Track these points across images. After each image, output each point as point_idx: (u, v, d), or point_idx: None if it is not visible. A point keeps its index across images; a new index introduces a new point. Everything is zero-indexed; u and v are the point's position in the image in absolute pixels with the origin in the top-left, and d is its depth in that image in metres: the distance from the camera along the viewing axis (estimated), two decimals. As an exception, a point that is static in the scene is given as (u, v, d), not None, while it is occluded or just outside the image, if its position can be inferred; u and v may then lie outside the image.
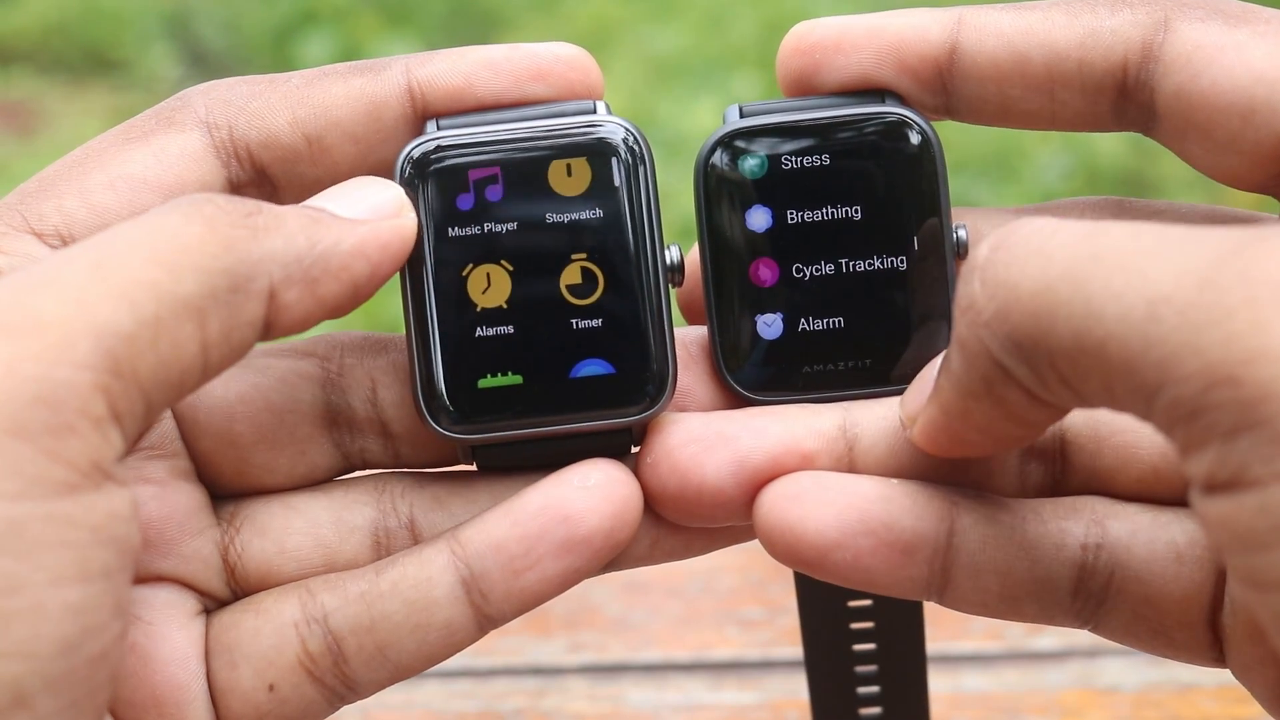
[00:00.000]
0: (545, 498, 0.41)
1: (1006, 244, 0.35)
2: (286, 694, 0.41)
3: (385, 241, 0.40)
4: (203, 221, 0.37)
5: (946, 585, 0.41)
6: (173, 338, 0.35)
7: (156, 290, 0.35)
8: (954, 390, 0.37)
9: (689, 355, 0.44)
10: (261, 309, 0.38)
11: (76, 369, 0.34)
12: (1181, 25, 0.41)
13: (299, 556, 0.43)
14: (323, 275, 0.38)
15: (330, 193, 0.41)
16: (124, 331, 0.34)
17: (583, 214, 0.42)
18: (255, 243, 0.37)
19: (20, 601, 0.32)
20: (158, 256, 0.36)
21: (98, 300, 0.34)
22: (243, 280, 0.37)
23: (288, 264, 0.38)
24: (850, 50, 0.43)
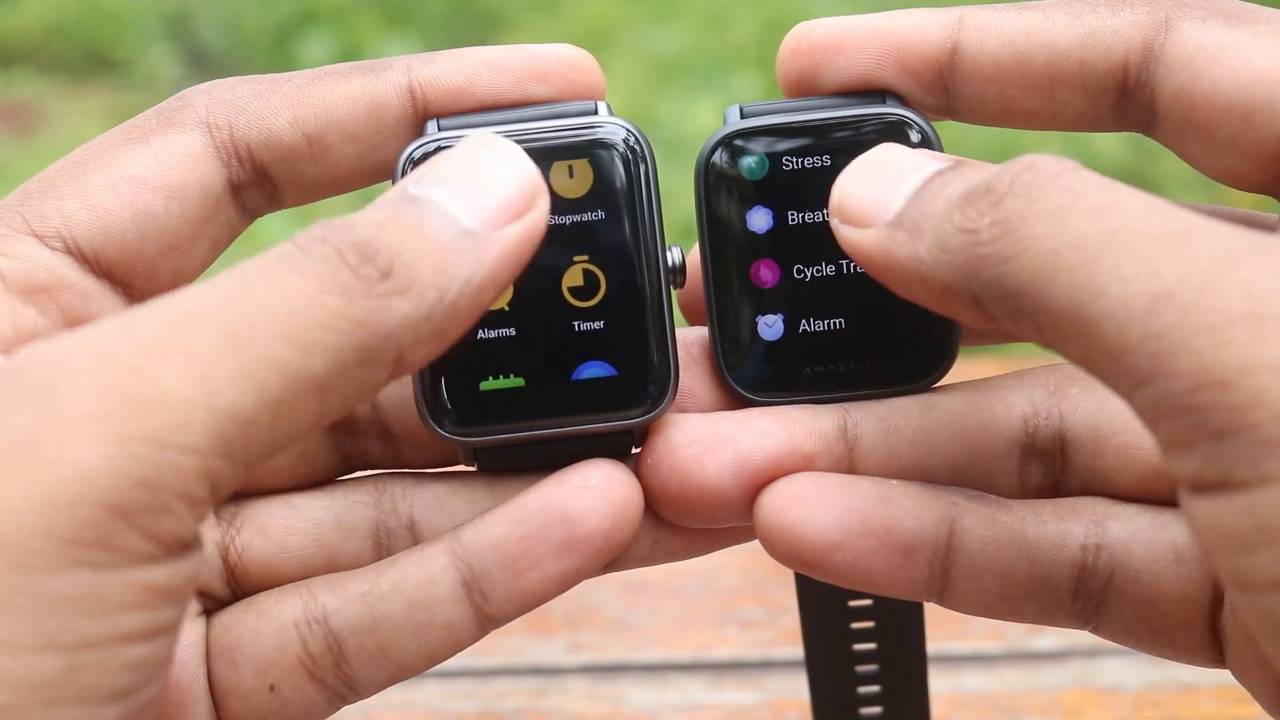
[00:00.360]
0: (546, 498, 0.41)
1: (1028, 192, 0.35)
2: (288, 694, 0.41)
3: (517, 255, 0.38)
4: (338, 293, 0.35)
5: (946, 586, 0.41)
6: (292, 415, 0.34)
7: (285, 371, 0.34)
8: (910, 264, 0.37)
9: (690, 356, 0.44)
10: (387, 372, 0.36)
11: (188, 454, 0.33)
12: (1182, 25, 0.41)
13: (300, 557, 0.43)
14: (453, 323, 0.37)
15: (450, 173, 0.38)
16: (245, 415, 0.33)
17: (584, 215, 0.42)
18: (388, 311, 0.35)
19: (89, 657, 0.32)
20: (291, 332, 0.34)
21: (224, 380, 0.33)
22: (374, 354, 0.35)
23: (418, 325, 0.36)
24: (851, 51, 0.43)
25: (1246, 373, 0.31)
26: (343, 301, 0.35)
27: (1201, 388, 0.32)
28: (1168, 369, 0.32)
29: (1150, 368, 0.32)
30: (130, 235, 0.41)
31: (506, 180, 0.38)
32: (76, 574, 0.32)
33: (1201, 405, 0.32)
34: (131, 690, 0.33)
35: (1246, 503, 0.32)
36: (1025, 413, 0.42)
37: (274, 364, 0.34)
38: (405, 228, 0.37)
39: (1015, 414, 0.42)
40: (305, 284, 0.35)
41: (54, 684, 0.32)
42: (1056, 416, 0.42)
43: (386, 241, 0.36)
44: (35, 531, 0.31)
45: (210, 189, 0.42)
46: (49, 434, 0.32)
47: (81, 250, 0.41)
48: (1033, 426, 0.42)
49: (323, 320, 0.35)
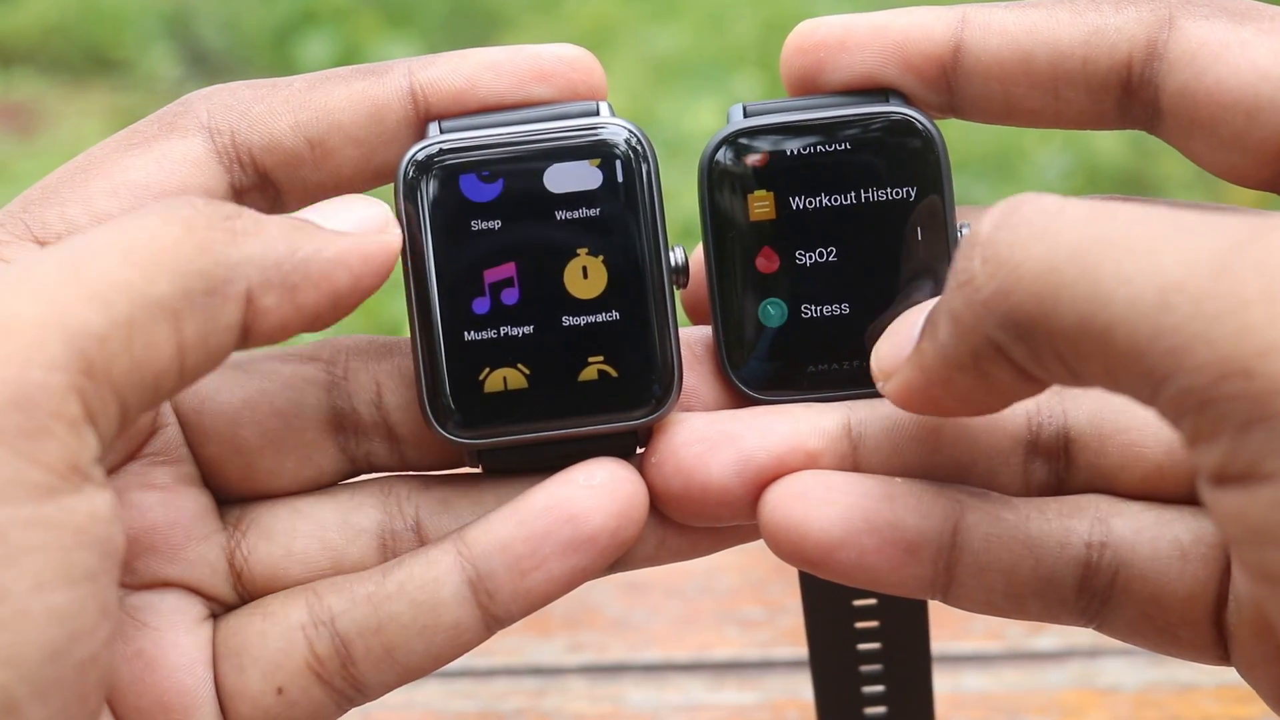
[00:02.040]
0: (551, 497, 0.41)
1: (1009, 222, 0.35)
2: (295, 697, 0.41)
3: (368, 254, 0.39)
4: (180, 223, 0.36)
5: (951, 584, 0.41)
6: (147, 339, 0.35)
7: (130, 291, 0.35)
8: (938, 359, 0.37)
9: (693, 355, 0.44)
10: (239, 313, 0.37)
11: (49, 370, 0.33)
12: (1186, 23, 0.41)
13: (306, 560, 0.43)
14: (302, 282, 0.38)
15: (316, 207, 0.41)
16: (97, 332, 0.34)
17: (586, 217, 0.42)
18: (233, 246, 0.37)
19: (3, 609, 0.32)
20: (132, 257, 0.35)
21: (70, 300, 0.34)
22: (219, 283, 0.36)
23: (266, 268, 0.37)
24: (854, 49, 0.43)
25: (1270, 357, 0.30)
26: (184, 231, 0.36)
27: (1223, 378, 0.31)
28: (1186, 363, 0.31)
29: (1168, 365, 0.32)
30: None
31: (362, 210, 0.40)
32: None
33: (1225, 397, 0.31)
34: (63, 648, 0.33)
35: (1274, 495, 0.31)
36: (1029, 410, 0.42)
37: (117, 285, 0.35)
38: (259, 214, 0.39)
39: (1019, 412, 0.42)
40: (148, 220, 0.36)
41: None
42: (1060, 414, 0.42)
43: (241, 208, 0.38)
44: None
45: (212, 194, 0.42)
46: None
47: None
48: (1036, 424, 0.42)
49: (164, 246, 0.36)
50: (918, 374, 0.38)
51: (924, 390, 0.38)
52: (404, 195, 0.42)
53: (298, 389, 0.43)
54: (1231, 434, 0.31)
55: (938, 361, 0.37)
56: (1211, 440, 0.32)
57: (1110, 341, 0.32)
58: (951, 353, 0.36)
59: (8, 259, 0.40)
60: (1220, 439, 0.31)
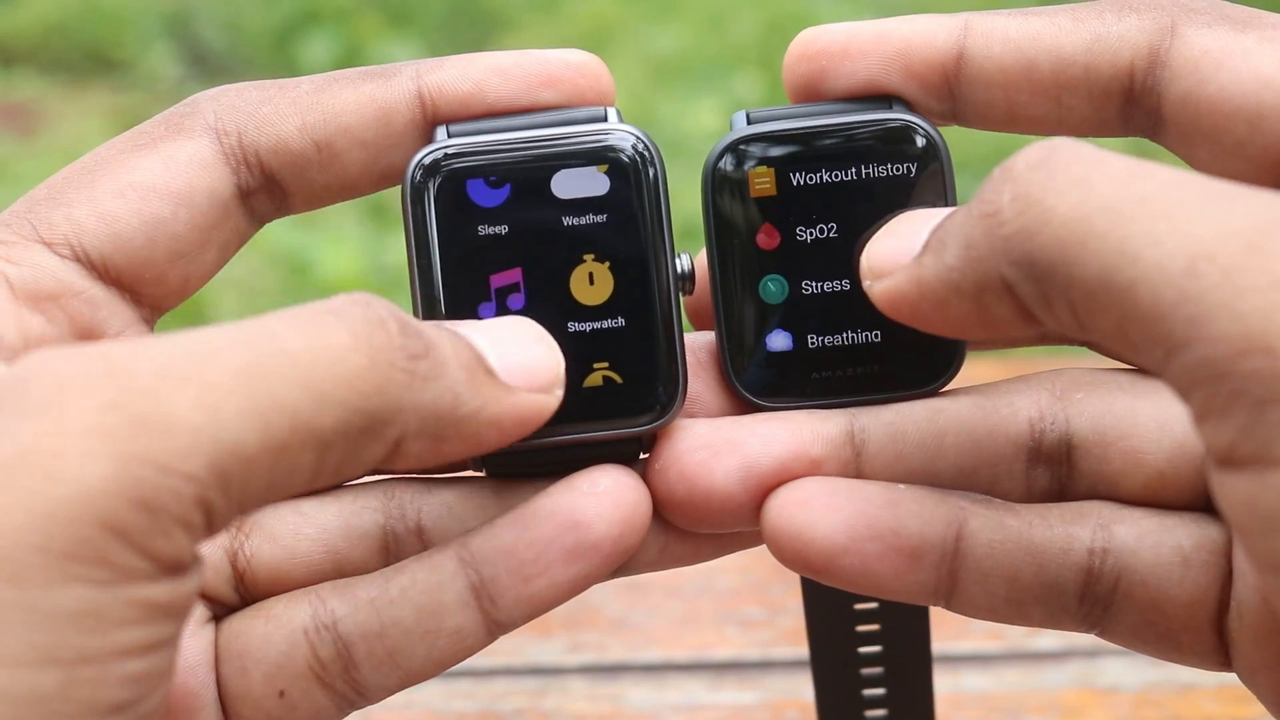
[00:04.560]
0: (554, 504, 0.41)
1: (1048, 164, 0.34)
2: (297, 700, 0.41)
3: (525, 419, 0.38)
4: (368, 353, 0.35)
5: (954, 590, 0.41)
6: (291, 464, 0.34)
7: (295, 419, 0.34)
8: (940, 279, 0.37)
9: (697, 361, 0.44)
10: (383, 453, 0.36)
11: (186, 481, 0.32)
12: (1188, 31, 0.41)
13: (308, 562, 0.43)
14: (453, 437, 0.37)
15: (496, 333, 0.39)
16: (247, 455, 0.33)
17: (593, 222, 0.42)
18: (409, 392, 0.36)
19: (87, 672, 0.32)
20: (311, 382, 0.34)
21: (232, 416, 0.33)
22: (379, 426, 0.35)
23: (426, 419, 0.36)
24: (857, 56, 0.43)
25: None
26: (369, 363, 0.35)
27: (1244, 353, 0.30)
28: (1207, 333, 0.31)
29: (1187, 333, 0.31)
30: (138, 242, 0.41)
31: (538, 355, 0.39)
32: (74, 590, 0.32)
33: (1243, 372, 0.30)
34: (130, 703, 0.33)
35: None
36: (1031, 417, 0.42)
37: (286, 409, 0.34)
38: (443, 335, 0.37)
39: (1021, 418, 0.42)
40: (339, 336, 0.35)
41: (51, 698, 0.31)
42: (1063, 421, 0.42)
43: (430, 333, 0.37)
44: (33, 546, 0.31)
45: (219, 195, 0.42)
46: (51, 446, 0.32)
47: (90, 257, 0.41)
48: (1039, 431, 0.42)
49: (344, 375, 0.34)
50: (912, 286, 0.38)
51: (915, 303, 0.38)
52: (410, 199, 0.42)
53: None
54: (1246, 412, 0.31)
55: (938, 281, 0.37)
56: (1224, 417, 0.31)
57: (1131, 300, 0.32)
58: (956, 278, 0.36)
59: (14, 260, 0.40)
60: (1233, 416, 0.31)
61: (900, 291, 0.38)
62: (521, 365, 0.39)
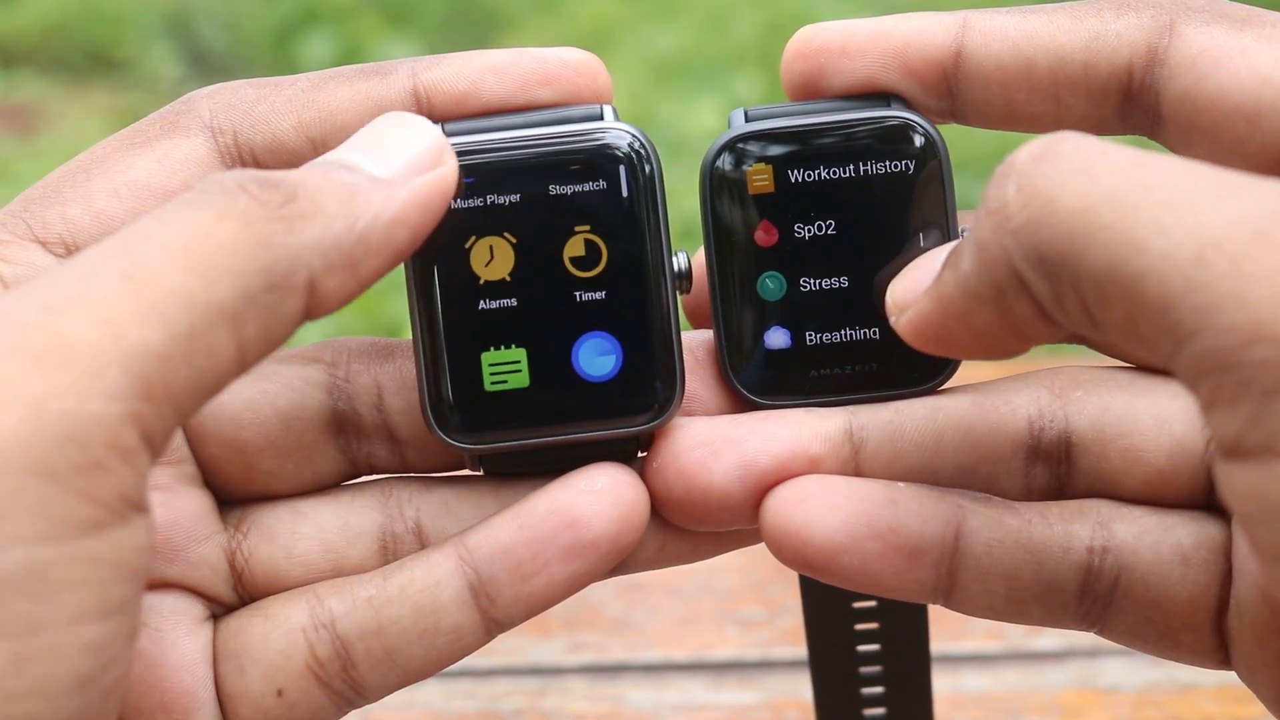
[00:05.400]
0: (552, 502, 0.41)
1: (1051, 154, 0.34)
2: (295, 699, 0.41)
3: (426, 201, 0.38)
4: (236, 217, 0.35)
5: (953, 589, 0.41)
6: (207, 346, 0.34)
7: (190, 301, 0.33)
8: (959, 288, 0.36)
9: (695, 359, 0.44)
10: (301, 301, 0.36)
11: (107, 400, 0.32)
12: (1186, 29, 0.41)
13: (306, 562, 0.43)
14: (364, 255, 0.37)
15: (361, 141, 0.39)
16: (156, 350, 0.33)
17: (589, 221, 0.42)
18: (292, 235, 0.35)
19: (39, 643, 0.31)
20: (191, 262, 0.34)
21: (129, 319, 0.33)
22: (281, 277, 0.35)
23: (327, 251, 0.36)
24: (855, 54, 0.43)
25: None
26: (242, 226, 0.35)
27: (1253, 342, 0.30)
28: (1215, 322, 0.30)
29: (1195, 322, 0.31)
30: None
31: (414, 141, 0.39)
32: (12, 551, 0.31)
33: (1252, 361, 0.30)
34: (91, 677, 0.32)
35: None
36: (1030, 415, 0.42)
37: (177, 296, 0.33)
38: (309, 171, 0.37)
39: (1020, 416, 0.42)
40: (202, 215, 0.35)
41: (3, 675, 0.31)
42: (1061, 419, 0.42)
43: (290, 177, 0.37)
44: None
45: None
46: None
47: None
48: (1038, 429, 0.42)
49: (223, 245, 0.34)
50: (935, 305, 0.37)
51: (939, 323, 0.37)
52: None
53: (299, 391, 0.43)
54: (1254, 401, 0.30)
55: (958, 291, 0.36)
56: (1231, 406, 0.31)
57: (1139, 290, 0.32)
58: (974, 282, 0.36)
59: (9, 259, 0.40)
60: (1241, 406, 0.31)
61: (924, 315, 0.38)
62: (399, 155, 0.39)
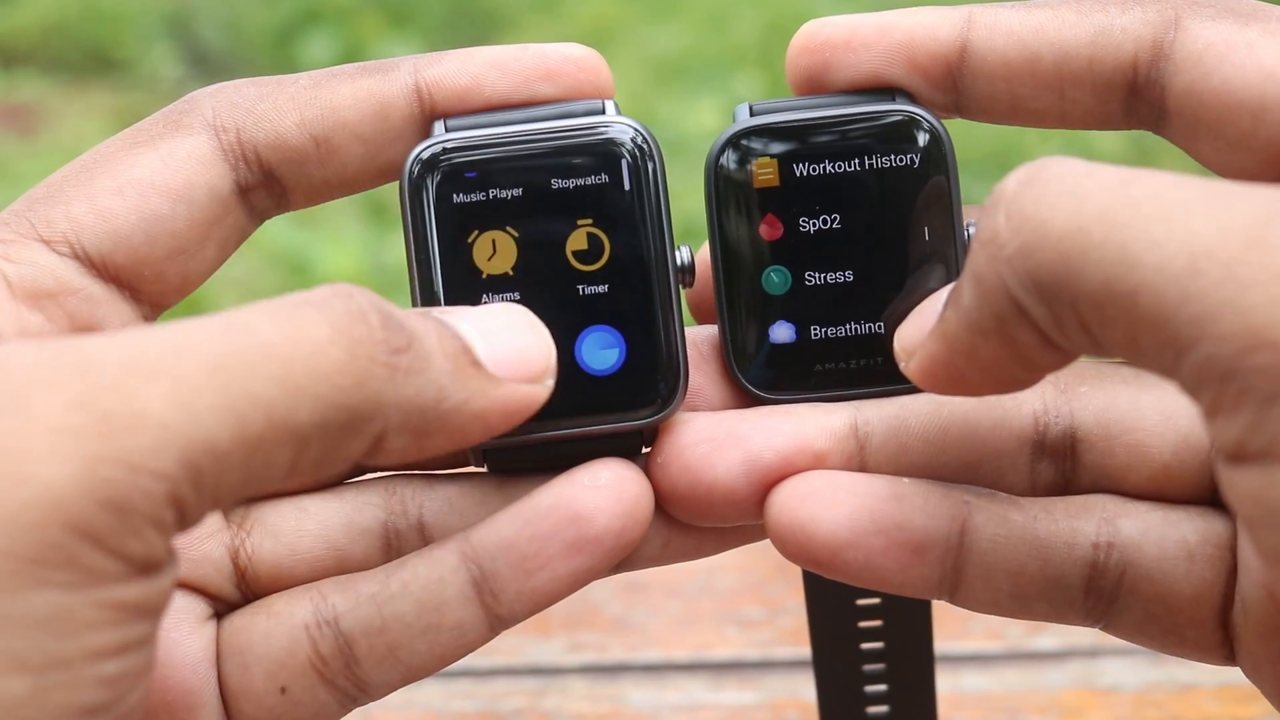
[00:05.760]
0: (556, 497, 0.41)
1: (1038, 179, 0.34)
2: (299, 696, 0.41)
3: (512, 411, 0.38)
4: (346, 345, 0.34)
5: (958, 584, 0.41)
6: (266, 459, 0.33)
7: (270, 413, 0.33)
8: (962, 325, 0.36)
9: (699, 354, 0.44)
10: (365, 447, 0.35)
11: (157, 479, 0.32)
12: (1192, 23, 0.41)
13: (310, 559, 0.42)
14: (437, 432, 0.36)
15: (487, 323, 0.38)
16: (220, 450, 0.32)
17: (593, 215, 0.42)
18: (391, 386, 0.35)
19: (59, 677, 0.31)
20: (286, 375, 0.33)
21: (205, 410, 0.32)
22: (361, 422, 0.34)
23: (409, 414, 0.35)
24: (860, 49, 0.43)
25: None
26: (349, 358, 0.34)
27: (1251, 349, 0.30)
28: (1212, 331, 0.30)
29: (1193, 332, 0.31)
30: (137, 240, 0.41)
31: (529, 344, 0.39)
32: (42, 594, 0.31)
33: (1250, 368, 0.30)
34: (106, 705, 0.33)
35: None
36: (1035, 410, 0.42)
37: (260, 402, 0.33)
38: (429, 326, 0.37)
39: (1025, 411, 0.42)
40: (317, 329, 0.34)
41: (23, 704, 0.31)
42: (1067, 414, 0.42)
43: (413, 325, 0.36)
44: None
45: (218, 192, 0.42)
46: (16, 447, 0.31)
47: (89, 255, 0.41)
48: (1043, 424, 0.42)
49: (322, 370, 0.34)
50: (941, 345, 0.37)
51: (947, 363, 0.37)
52: (409, 194, 0.42)
53: None
54: (1254, 408, 0.30)
55: (961, 328, 0.36)
56: (1232, 413, 0.31)
57: (1135, 306, 0.32)
58: (975, 316, 0.36)
59: (13, 258, 0.40)
60: (1241, 412, 0.31)
61: (932, 356, 0.38)
62: (510, 355, 0.38)
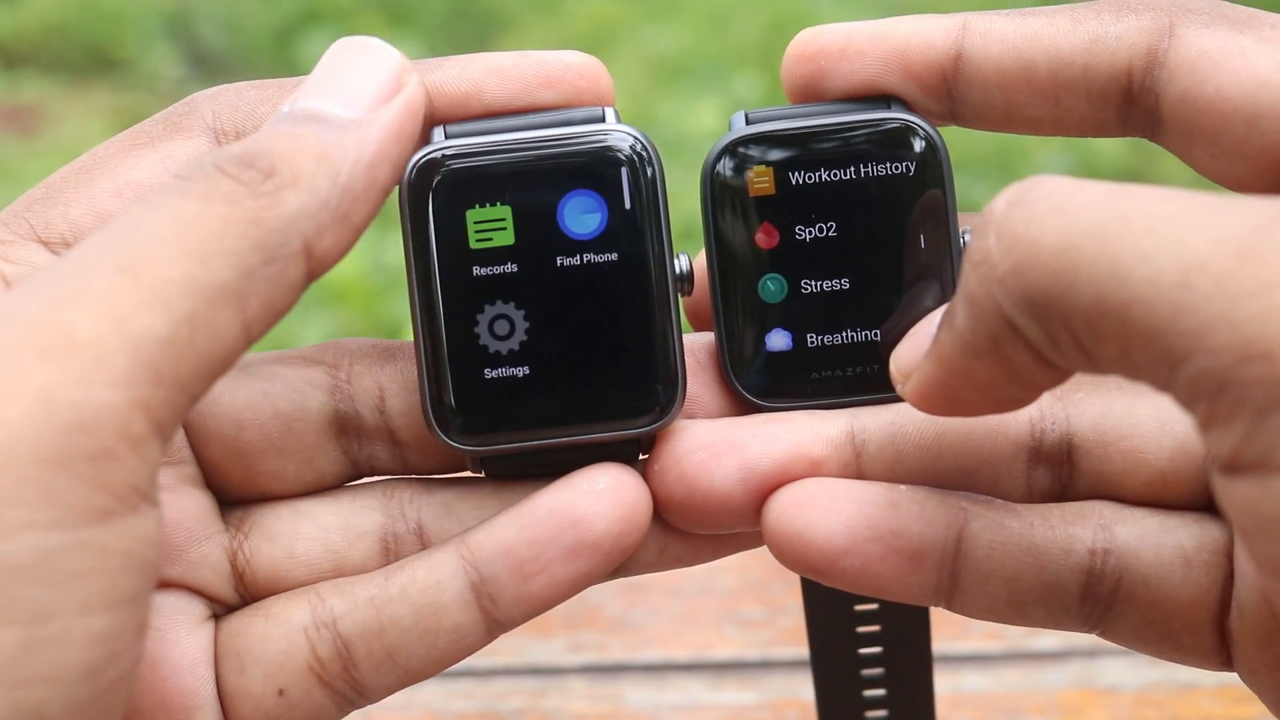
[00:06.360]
0: (554, 502, 0.41)
1: (1026, 199, 0.34)
2: (296, 699, 0.41)
3: (400, 131, 0.38)
4: (223, 200, 0.35)
5: (955, 591, 0.41)
6: (211, 328, 0.34)
7: (190, 285, 0.34)
8: (957, 346, 0.36)
9: (696, 362, 0.44)
10: (301, 267, 0.36)
11: (114, 388, 0.32)
12: (1186, 31, 0.41)
13: (308, 562, 0.43)
14: (352, 205, 0.37)
15: (322, 80, 0.39)
16: (161, 337, 0.33)
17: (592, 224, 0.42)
18: (281, 208, 0.36)
19: (47, 630, 0.31)
20: (185, 248, 0.34)
21: (131, 308, 0.33)
22: (276, 250, 0.35)
23: (316, 213, 0.36)
24: (855, 57, 0.43)
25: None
26: (229, 207, 0.35)
27: (1244, 361, 0.30)
28: (1205, 344, 0.30)
29: (1186, 345, 0.31)
30: None
31: (372, 69, 0.39)
32: (22, 537, 0.31)
33: (1244, 381, 0.30)
34: (99, 667, 0.33)
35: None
36: (1032, 417, 0.42)
37: (175, 282, 0.34)
38: (281, 134, 0.38)
39: (1021, 418, 0.42)
40: (190, 202, 0.35)
41: (13, 661, 0.31)
42: (1063, 420, 0.42)
43: (264, 146, 0.37)
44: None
45: None
46: None
47: None
48: (1039, 431, 0.42)
49: (215, 229, 0.35)
50: (936, 367, 0.37)
51: (943, 384, 0.37)
52: (408, 200, 0.42)
53: (300, 392, 0.43)
54: (1249, 419, 0.30)
55: (956, 349, 0.36)
56: (1227, 425, 0.31)
57: (1128, 321, 0.32)
58: (969, 338, 0.36)
59: (12, 259, 0.40)
60: (1236, 424, 0.31)
61: (927, 378, 0.38)
62: (362, 89, 0.39)
